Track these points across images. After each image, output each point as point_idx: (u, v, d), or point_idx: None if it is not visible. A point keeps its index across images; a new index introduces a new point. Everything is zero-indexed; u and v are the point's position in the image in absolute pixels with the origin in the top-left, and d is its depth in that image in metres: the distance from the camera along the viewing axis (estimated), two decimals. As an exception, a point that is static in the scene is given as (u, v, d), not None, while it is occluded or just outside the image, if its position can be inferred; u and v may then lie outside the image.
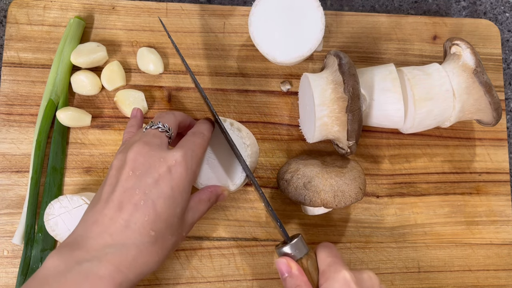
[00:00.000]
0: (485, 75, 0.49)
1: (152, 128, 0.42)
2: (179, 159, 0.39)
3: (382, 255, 0.55)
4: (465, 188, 0.57)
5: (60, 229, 0.49)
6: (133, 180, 0.38)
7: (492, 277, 0.56)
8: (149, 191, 0.37)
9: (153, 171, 0.38)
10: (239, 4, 0.61)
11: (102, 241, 0.36)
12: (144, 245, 0.37)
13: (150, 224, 0.37)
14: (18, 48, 0.56)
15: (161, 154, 0.39)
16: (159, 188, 0.37)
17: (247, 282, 0.54)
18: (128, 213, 0.37)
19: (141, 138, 0.41)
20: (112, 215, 0.37)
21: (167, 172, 0.38)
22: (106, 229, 0.36)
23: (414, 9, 0.63)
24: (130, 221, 0.36)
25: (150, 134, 0.41)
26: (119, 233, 0.36)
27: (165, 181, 0.38)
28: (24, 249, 0.52)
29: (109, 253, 0.35)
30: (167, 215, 0.38)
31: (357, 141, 0.49)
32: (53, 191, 0.53)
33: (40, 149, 0.53)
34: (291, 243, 0.43)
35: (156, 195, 0.37)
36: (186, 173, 0.39)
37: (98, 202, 0.38)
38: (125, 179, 0.38)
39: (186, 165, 0.39)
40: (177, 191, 0.38)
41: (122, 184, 0.38)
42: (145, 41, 0.57)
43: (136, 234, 0.36)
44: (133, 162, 0.38)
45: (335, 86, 0.49)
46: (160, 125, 0.42)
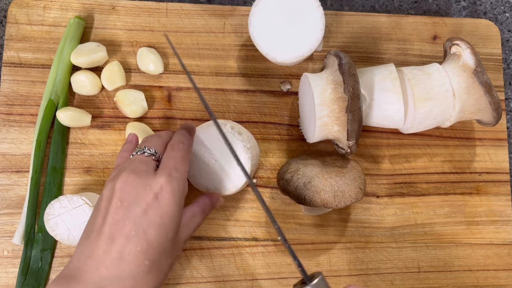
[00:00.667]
0: (485, 75, 0.49)
1: (139, 154, 0.42)
2: (164, 185, 0.39)
3: (382, 255, 0.55)
4: (465, 188, 0.57)
5: (60, 229, 0.49)
6: (122, 211, 0.38)
7: (492, 277, 0.56)
8: (138, 221, 0.37)
9: (141, 200, 0.38)
10: (239, 4, 0.61)
11: (98, 274, 0.36)
12: (140, 274, 0.37)
13: (144, 253, 0.37)
14: (18, 48, 0.56)
15: (147, 181, 0.39)
16: (148, 218, 0.37)
17: (247, 282, 0.54)
18: (120, 245, 0.37)
19: (129, 165, 0.41)
20: (105, 247, 0.37)
21: (154, 200, 0.38)
22: (101, 262, 0.36)
23: (414, 9, 0.63)
24: (123, 253, 0.37)
25: (137, 161, 0.41)
26: (114, 266, 0.36)
27: (153, 210, 0.38)
28: (24, 249, 0.52)
29: (107, 285, 0.36)
30: (159, 242, 0.38)
31: (357, 141, 0.49)
32: (53, 191, 0.53)
33: (40, 149, 0.53)
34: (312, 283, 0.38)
35: (146, 225, 0.37)
36: (174, 198, 0.39)
37: (91, 233, 0.38)
38: (114, 211, 0.38)
39: (172, 190, 0.39)
40: (166, 218, 0.38)
41: (111, 216, 0.38)
42: (145, 41, 0.57)
43: (131, 265, 0.37)
44: (121, 192, 0.38)
45: (335, 86, 0.49)
46: (146, 149, 0.42)
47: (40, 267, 0.52)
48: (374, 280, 0.55)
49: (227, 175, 0.49)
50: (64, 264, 0.53)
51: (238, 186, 0.48)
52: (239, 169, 0.48)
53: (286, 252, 0.54)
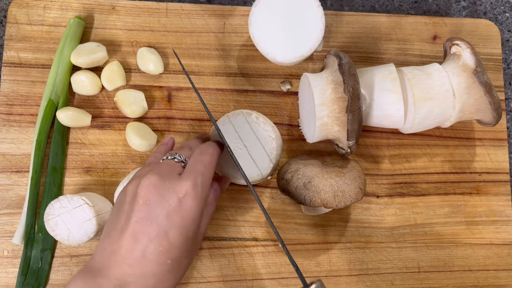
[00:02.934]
0: (485, 75, 0.49)
1: (169, 158, 0.43)
2: (188, 189, 0.39)
3: (382, 255, 0.55)
4: (465, 188, 0.57)
5: (60, 229, 0.49)
6: (146, 211, 0.38)
7: (492, 277, 0.56)
8: (161, 222, 0.38)
9: (165, 203, 0.39)
10: (239, 4, 0.61)
11: (122, 271, 0.37)
12: (162, 273, 0.38)
13: (165, 253, 0.38)
14: (18, 48, 0.56)
15: (172, 185, 0.39)
16: (170, 220, 0.38)
17: (247, 282, 0.54)
18: (143, 244, 0.38)
19: (157, 167, 0.41)
20: (128, 246, 0.38)
21: (177, 204, 0.39)
22: (124, 259, 0.37)
23: (414, 9, 0.63)
24: (146, 252, 0.37)
25: (166, 164, 0.42)
26: (137, 264, 0.37)
27: (176, 213, 0.38)
28: (24, 249, 0.52)
29: (130, 282, 0.37)
30: (180, 243, 0.39)
31: (357, 141, 0.49)
32: (53, 191, 0.53)
33: (40, 149, 0.53)
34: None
35: (168, 227, 0.38)
36: (197, 203, 0.39)
37: (113, 231, 0.39)
38: (138, 210, 0.39)
39: (196, 195, 0.39)
40: (188, 220, 0.39)
41: (135, 214, 0.38)
42: (145, 41, 0.57)
43: (154, 264, 0.37)
44: (145, 192, 0.39)
45: (335, 86, 0.49)
46: (177, 156, 0.43)
47: (40, 267, 0.52)
48: (374, 280, 0.55)
49: (253, 163, 0.49)
50: (64, 264, 0.53)
51: (265, 174, 0.49)
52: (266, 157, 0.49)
53: (286, 252, 0.54)
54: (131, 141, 0.54)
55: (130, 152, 0.55)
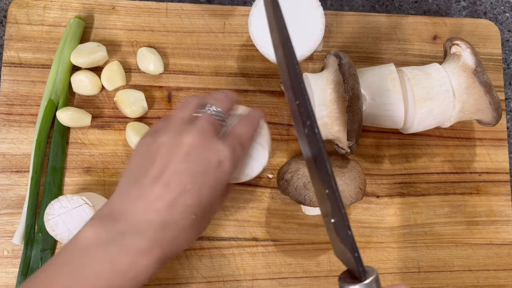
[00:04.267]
0: (485, 75, 0.49)
1: (208, 112, 0.42)
2: (229, 155, 0.40)
3: (382, 255, 0.55)
4: (465, 188, 0.57)
5: (60, 229, 0.49)
6: (186, 165, 0.39)
7: (492, 277, 0.56)
8: (198, 178, 0.38)
9: (204, 161, 0.39)
10: (239, 4, 0.61)
11: (147, 216, 0.37)
12: (185, 226, 0.38)
13: (194, 208, 0.38)
14: (18, 48, 0.56)
15: (214, 145, 0.40)
16: (207, 178, 0.39)
17: (247, 282, 0.54)
18: (176, 193, 0.38)
19: (197, 122, 0.41)
20: (160, 193, 0.37)
21: (216, 165, 0.39)
22: (152, 204, 0.37)
23: (414, 9, 0.63)
24: (176, 201, 0.37)
25: (206, 121, 0.41)
26: (164, 211, 0.37)
27: (212, 173, 0.39)
28: (24, 249, 0.52)
29: (153, 229, 0.36)
30: (207, 203, 0.39)
31: (357, 141, 0.49)
32: (53, 191, 0.53)
33: (40, 149, 0.53)
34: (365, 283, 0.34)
35: (203, 184, 0.39)
36: (231, 169, 0.40)
37: (143, 177, 0.38)
38: (178, 162, 0.39)
39: (233, 162, 0.40)
40: (219, 184, 0.40)
41: (175, 166, 0.38)
42: (145, 41, 0.57)
43: (181, 214, 0.38)
44: (188, 147, 0.39)
45: (335, 86, 0.49)
46: (215, 109, 0.42)
47: (40, 267, 0.52)
48: (374, 280, 0.55)
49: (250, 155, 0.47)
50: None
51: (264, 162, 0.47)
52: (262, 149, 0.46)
53: (286, 252, 0.54)
54: (131, 141, 0.54)
55: (130, 152, 0.55)
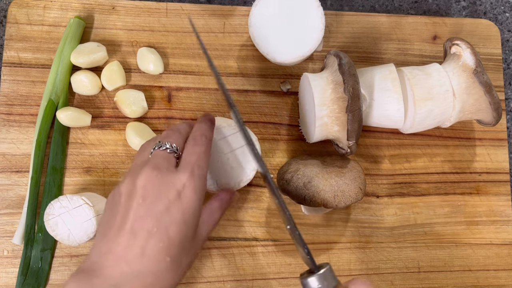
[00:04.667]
0: (485, 75, 0.49)
1: (160, 149, 0.42)
2: (187, 182, 0.39)
3: (382, 255, 0.55)
4: (465, 188, 0.57)
5: (60, 229, 0.49)
6: (144, 208, 0.38)
7: (492, 277, 0.56)
8: (161, 218, 0.37)
9: (163, 197, 0.38)
10: (239, 4, 0.61)
11: (119, 269, 0.36)
12: (161, 271, 0.37)
13: (165, 250, 0.37)
14: (18, 48, 0.56)
15: (169, 178, 0.39)
16: (170, 215, 0.38)
17: (247, 282, 0.54)
18: (142, 240, 0.37)
19: (150, 162, 0.40)
20: (127, 243, 0.37)
21: (176, 197, 0.38)
22: (122, 257, 0.36)
23: (414, 9, 0.63)
24: (145, 248, 0.37)
25: (158, 156, 0.41)
26: (135, 261, 0.36)
27: (175, 207, 0.38)
28: (24, 249, 0.52)
29: (127, 281, 0.36)
30: (180, 239, 0.38)
31: (357, 141, 0.49)
32: (53, 191, 0.53)
33: (40, 149, 0.53)
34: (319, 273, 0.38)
35: (169, 222, 0.38)
36: (196, 195, 0.39)
37: (109, 230, 0.38)
38: (136, 207, 0.38)
39: (194, 187, 0.39)
40: (187, 215, 0.38)
41: (134, 213, 0.38)
42: (145, 41, 0.57)
43: (153, 261, 0.37)
44: (143, 189, 0.38)
45: (335, 86, 0.49)
46: (168, 145, 0.42)
47: (40, 267, 0.52)
48: (374, 280, 0.55)
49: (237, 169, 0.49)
50: (64, 264, 0.53)
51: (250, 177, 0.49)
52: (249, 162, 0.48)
53: (286, 252, 0.54)
54: (131, 141, 0.54)
55: (130, 152, 0.55)
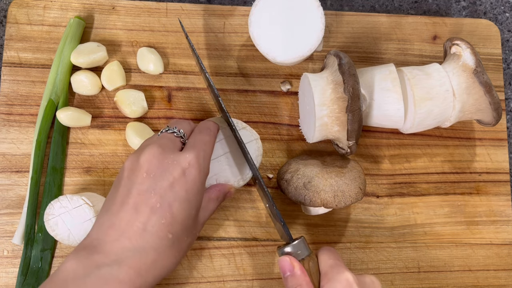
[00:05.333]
0: (485, 75, 0.49)
1: (168, 132, 0.42)
2: (192, 161, 0.39)
3: (382, 255, 0.55)
4: (465, 188, 0.57)
5: (60, 229, 0.49)
6: (148, 183, 0.37)
7: (492, 277, 0.56)
8: (164, 194, 0.37)
9: (168, 174, 0.38)
10: (239, 4, 0.61)
11: (120, 245, 0.36)
12: (163, 248, 0.37)
13: (167, 227, 0.37)
14: (18, 48, 0.56)
15: (175, 157, 0.39)
16: (174, 191, 0.37)
17: (247, 282, 0.54)
18: (145, 216, 0.36)
19: (156, 141, 0.41)
20: (129, 218, 0.36)
21: (181, 175, 0.38)
22: (123, 232, 0.36)
23: (414, 9, 0.63)
24: (147, 224, 0.36)
25: (165, 138, 0.41)
26: (137, 237, 0.36)
27: (180, 184, 0.38)
28: (24, 249, 0.52)
29: (129, 257, 0.35)
30: (183, 218, 0.38)
31: (357, 141, 0.49)
32: (53, 191, 0.53)
33: (40, 149, 0.53)
34: (293, 243, 0.43)
35: (172, 198, 0.37)
36: (200, 175, 0.39)
37: (112, 205, 0.38)
38: (140, 182, 0.38)
39: (199, 167, 0.39)
40: (191, 194, 0.38)
41: (137, 187, 0.37)
42: (145, 41, 0.57)
43: (154, 237, 0.36)
44: (148, 164, 0.38)
45: (335, 86, 0.49)
46: (176, 130, 0.42)
47: (40, 267, 0.52)
48: (374, 280, 0.55)
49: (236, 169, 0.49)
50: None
51: (247, 178, 0.50)
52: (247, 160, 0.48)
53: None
54: (131, 141, 0.54)
55: (130, 152, 0.55)
